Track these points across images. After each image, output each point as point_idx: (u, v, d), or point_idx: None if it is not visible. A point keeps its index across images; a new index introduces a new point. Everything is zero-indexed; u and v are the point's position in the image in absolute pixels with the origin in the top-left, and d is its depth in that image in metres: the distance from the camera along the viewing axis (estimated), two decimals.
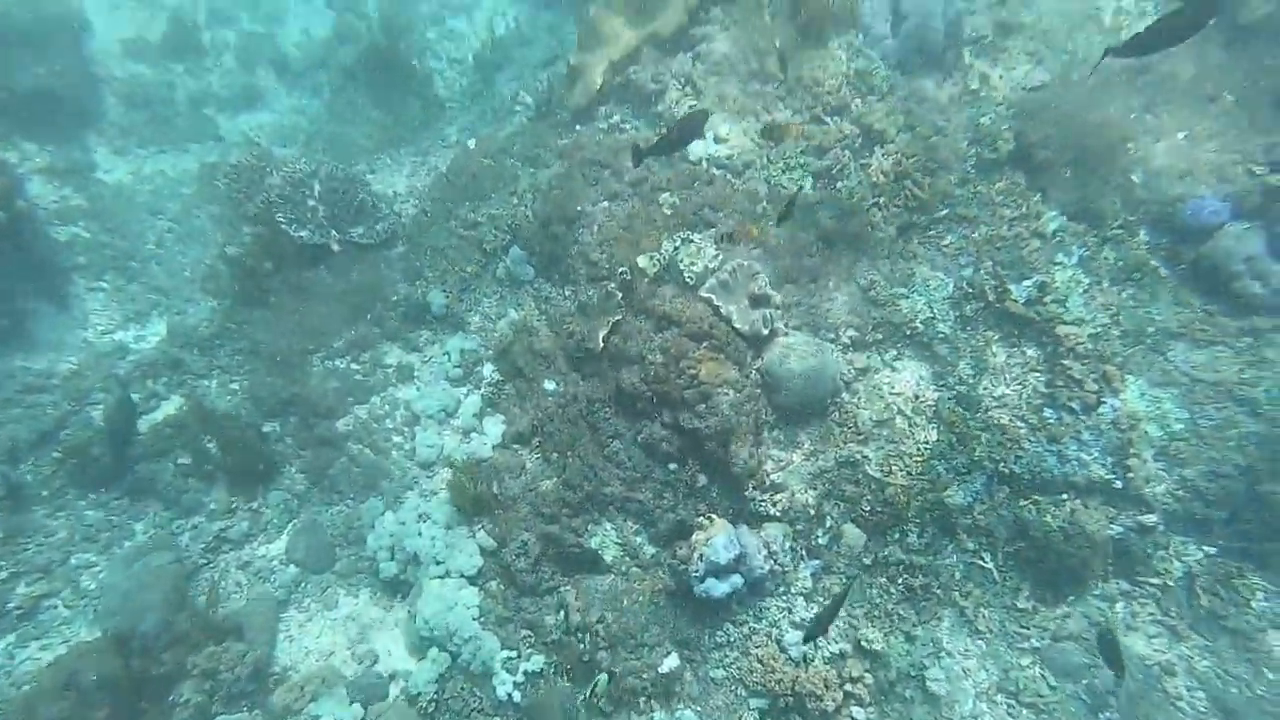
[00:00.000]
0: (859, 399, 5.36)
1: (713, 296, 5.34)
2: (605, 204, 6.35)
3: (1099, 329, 5.11)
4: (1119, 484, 4.70)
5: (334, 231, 5.89)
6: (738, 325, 5.28)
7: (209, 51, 10.41)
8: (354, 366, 5.63)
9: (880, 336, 5.54)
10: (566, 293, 6.09)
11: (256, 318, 5.56)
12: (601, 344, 5.46)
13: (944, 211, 5.85)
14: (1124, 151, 5.57)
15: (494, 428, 5.35)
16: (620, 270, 5.63)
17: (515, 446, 5.43)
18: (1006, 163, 5.87)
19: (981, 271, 5.52)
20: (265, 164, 6.19)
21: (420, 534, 4.84)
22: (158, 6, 10.46)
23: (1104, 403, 4.75)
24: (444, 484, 5.12)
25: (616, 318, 5.49)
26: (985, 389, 5.21)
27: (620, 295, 5.59)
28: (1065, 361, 4.91)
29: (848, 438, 5.20)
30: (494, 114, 8.89)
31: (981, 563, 4.81)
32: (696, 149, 6.12)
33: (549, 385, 5.59)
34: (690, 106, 6.37)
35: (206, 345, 5.93)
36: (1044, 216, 5.58)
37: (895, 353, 5.57)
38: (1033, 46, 6.19)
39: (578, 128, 7.10)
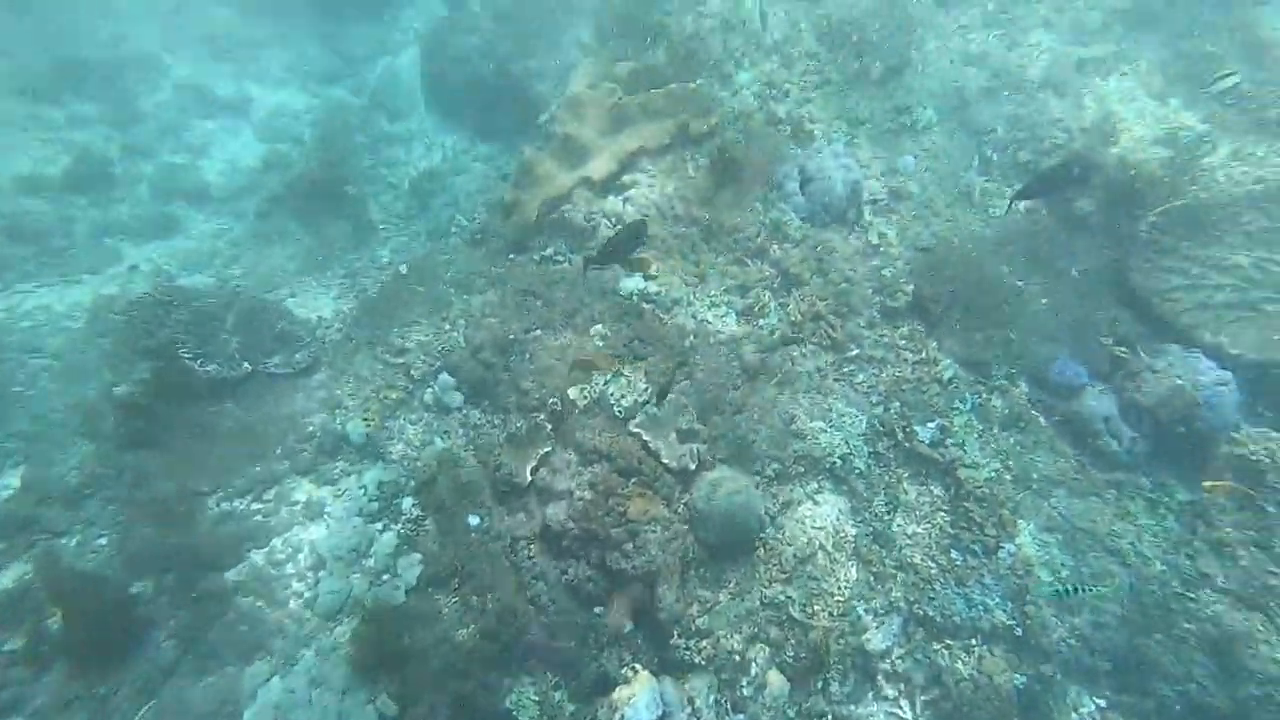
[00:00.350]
0: (783, 534, 5.48)
1: (642, 431, 5.45)
2: (538, 333, 6.48)
3: (993, 473, 5.58)
4: (1019, 630, 4.96)
5: (246, 364, 5.63)
6: (666, 460, 5.38)
7: (120, 183, 10.10)
8: (255, 506, 5.19)
9: (802, 469, 5.78)
10: (495, 421, 6.02)
11: (140, 460, 5.05)
12: (529, 477, 5.38)
13: (855, 351, 6.37)
14: (1003, 310, 6.36)
15: (410, 570, 5.03)
16: (550, 401, 5.67)
17: (432, 590, 5.10)
18: (906, 312, 6.55)
19: (890, 411, 5.98)
20: (171, 296, 5.93)
21: (311, 702, 4.32)
22: (65, 143, 10.21)
23: (1002, 547, 5.11)
24: (347, 638, 4.67)
25: (545, 449, 5.46)
26: (899, 526, 5.48)
27: (550, 426, 5.59)
28: (967, 504, 5.28)
29: (772, 576, 5.25)
30: (429, 237, 9.08)
31: (899, 712, 4.84)
32: (628, 284, 6.45)
33: (473, 520, 5.38)
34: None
35: (72, 497, 5.29)
36: (941, 364, 6.19)
37: (816, 485, 5.81)
38: (921, 212, 7.12)
39: (512, 256, 7.35)
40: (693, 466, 5.38)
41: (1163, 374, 5.53)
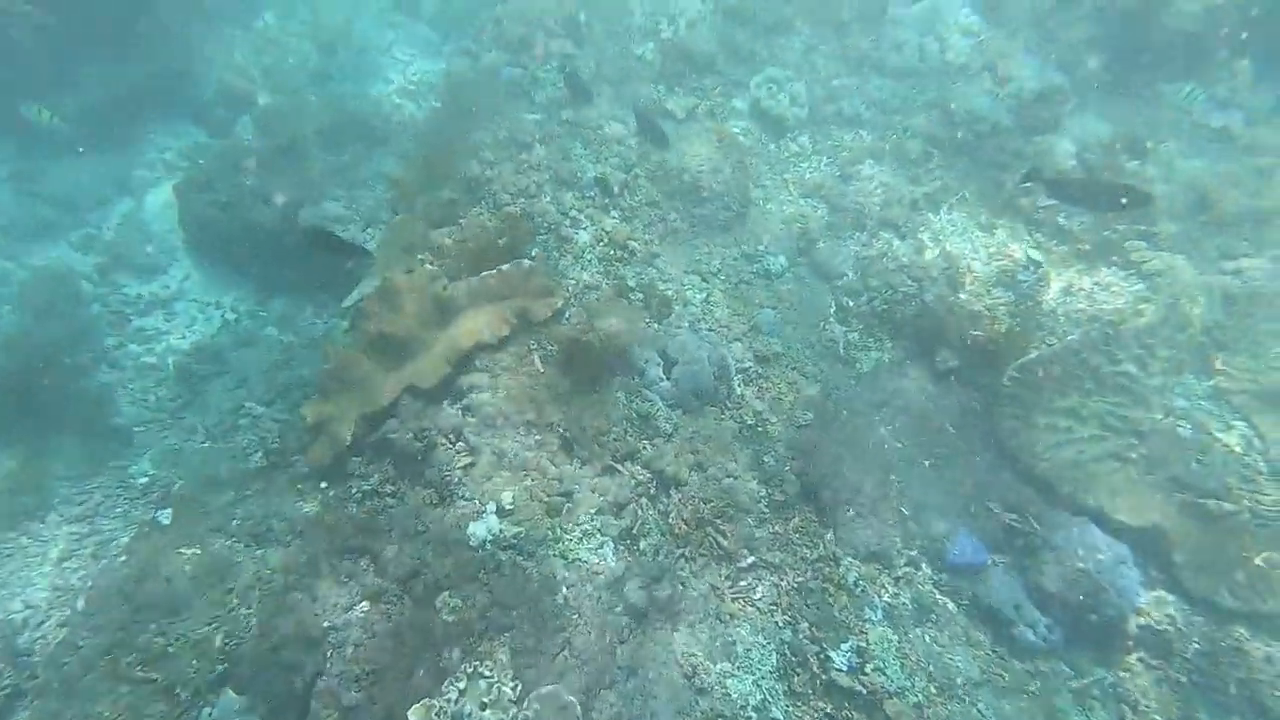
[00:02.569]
0: None
1: None
2: (364, 608, 5.16)
3: (920, 695, 5.17)
4: None
5: None
6: None
7: None
8: None
9: None
10: None
11: None
12: None
13: (749, 559, 5.78)
14: (892, 484, 6.15)
15: None
16: None
17: None
18: (796, 500, 6.12)
19: (800, 635, 5.41)
20: None
21: None
22: None
23: None
24: None
25: None
26: None
27: None
28: None
29: None
30: (209, 437, 7.31)
31: None
32: (478, 530, 5.36)
33: None
34: (465, 466, 5.71)
35: None
36: (842, 562, 5.78)
37: None
38: (791, 375, 6.84)
39: (324, 484, 5.97)
40: None
41: (1062, 554, 5.52)
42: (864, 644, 5.37)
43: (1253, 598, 5.52)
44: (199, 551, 5.59)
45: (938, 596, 5.83)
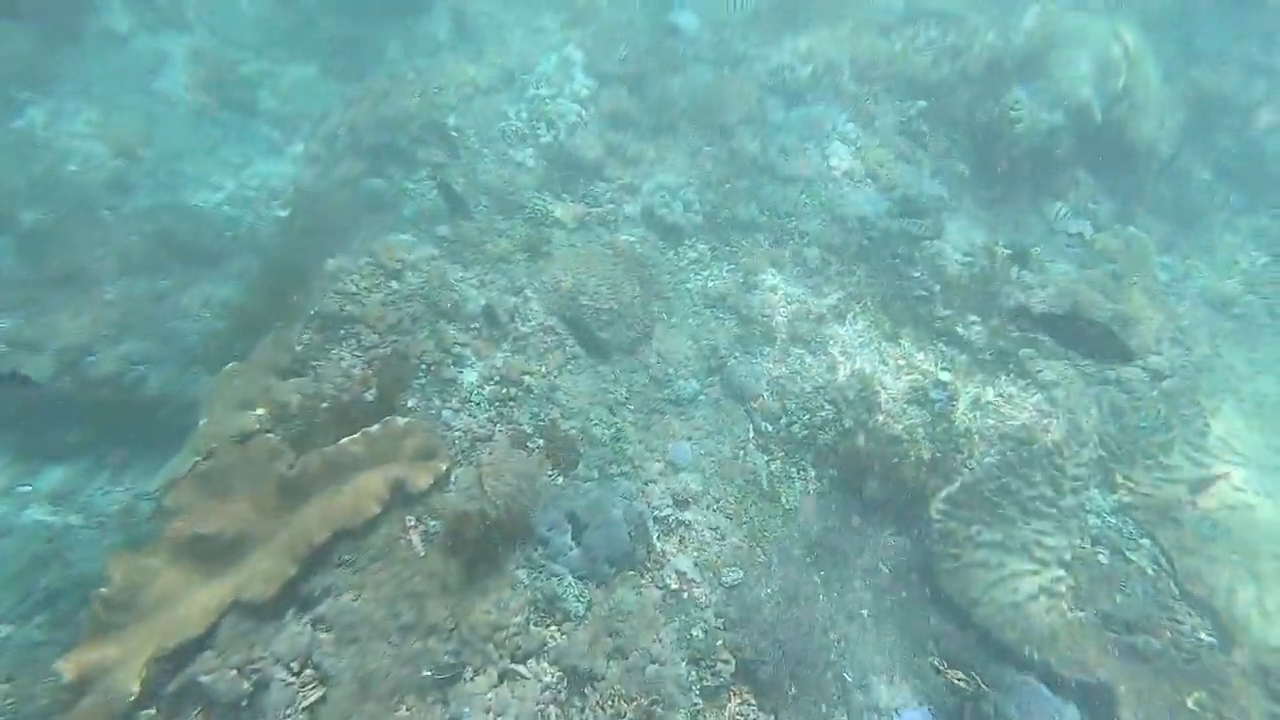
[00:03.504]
0: None
1: None
2: None
3: None
4: None
5: None
6: None
7: None
8: None
9: None
10: None
11: None
12: None
13: None
14: (832, 649, 5.57)
15: None
16: None
17: None
18: (731, 682, 5.36)
19: None
20: None
21: None
22: None
23: None
24: None
25: None
26: None
27: None
28: None
29: None
30: None
31: None
32: None
33: None
34: (312, 706, 4.46)
35: None
36: None
37: None
38: (714, 519, 6.21)
39: None
40: None
41: None
42: None
43: None
44: None
45: None
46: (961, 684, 5.47)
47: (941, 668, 5.54)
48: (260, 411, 5.67)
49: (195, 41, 10.58)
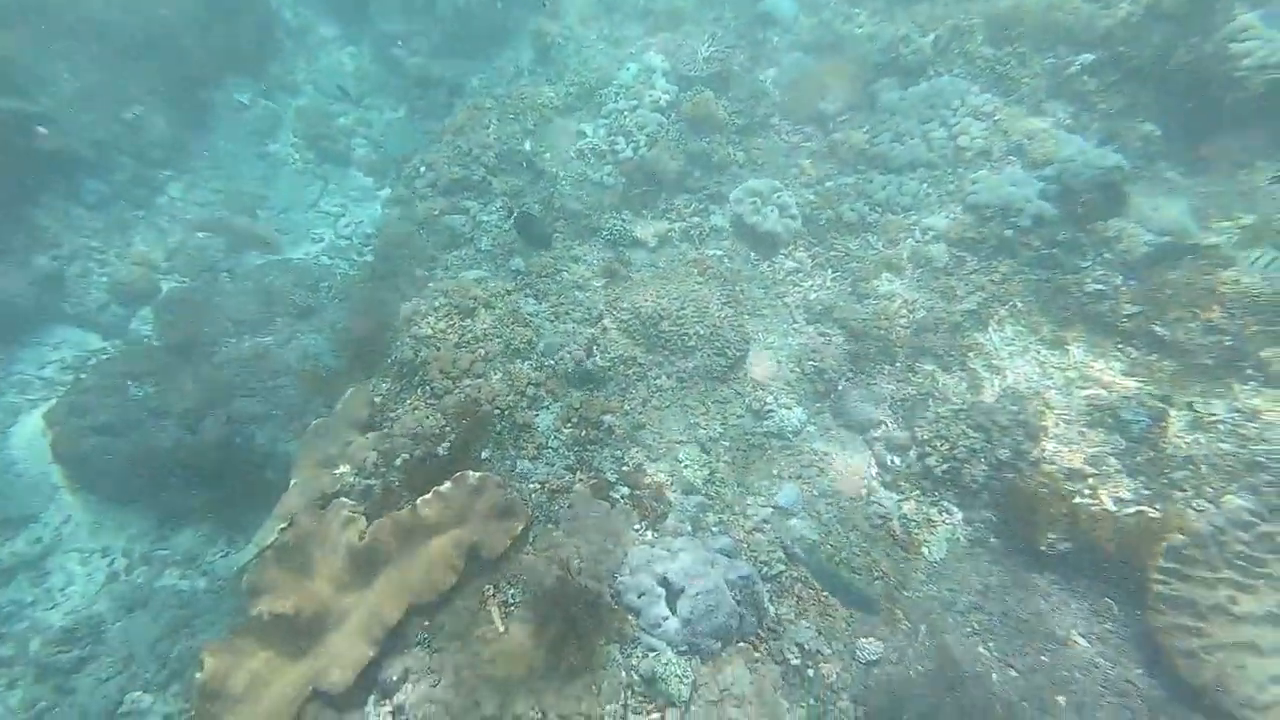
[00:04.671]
0: None
1: None
2: None
3: None
4: None
5: None
6: None
7: None
8: None
9: None
10: None
11: None
12: None
13: None
14: None
15: None
16: None
17: None
18: None
19: None
20: None
21: None
22: None
23: None
24: None
25: None
26: None
27: None
28: None
29: None
30: None
31: None
32: None
33: None
34: None
35: None
36: None
37: None
38: (834, 577, 5.22)
39: None
40: None
41: None
42: None
43: None
44: None
45: None
46: None
47: None
48: (342, 470, 5.49)
49: (302, 102, 11.19)
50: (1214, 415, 5.34)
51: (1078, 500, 5.08)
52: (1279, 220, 6.30)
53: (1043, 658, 4.83)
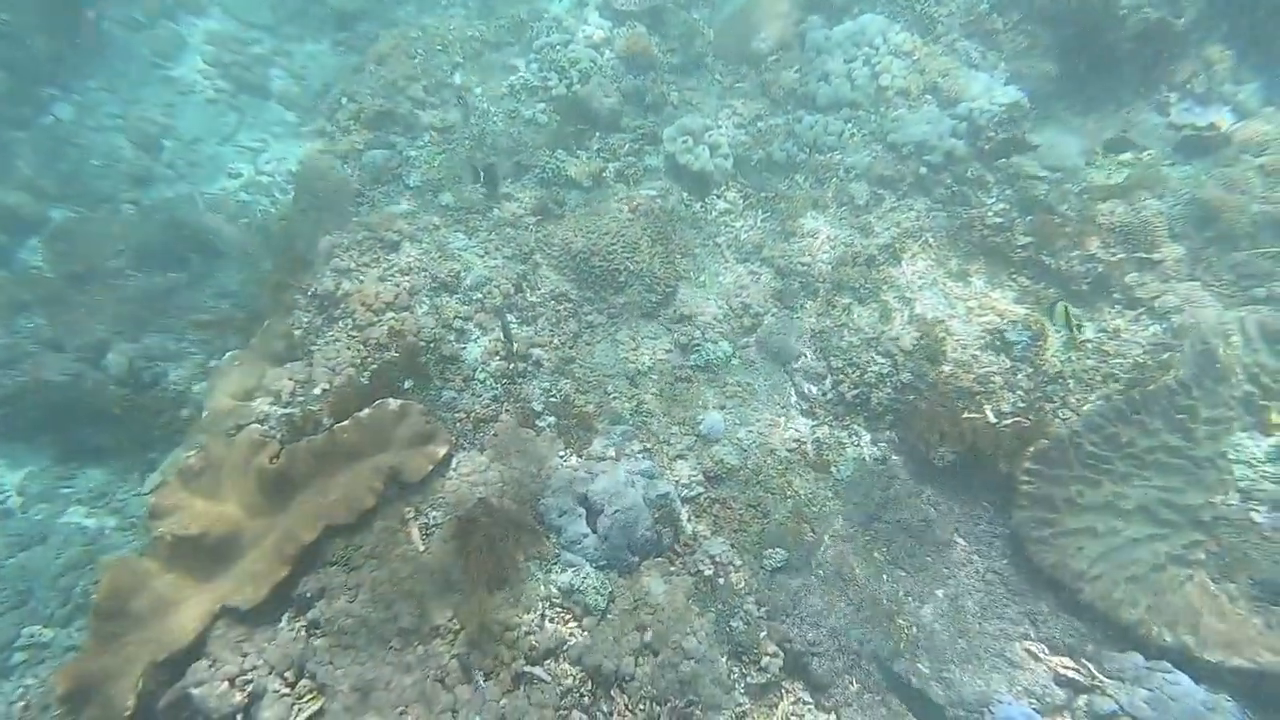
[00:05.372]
0: None
1: None
2: None
3: None
4: None
5: None
6: None
7: None
8: None
9: None
10: None
11: None
12: None
13: None
14: (901, 636, 4.80)
15: None
16: None
17: None
18: (781, 679, 4.71)
19: None
20: None
21: None
22: None
23: None
24: None
25: None
26: None
27: None
28: None
29: None
30: None
31: None
32: None
33: None
34: (309, 716, 4.13)
35: None
36: None
37: None
38: (753, 495, 5.50)
39: None
40: None
41: None
42: None
43: None
44: None
45: None
46: (1071, 673, 4.59)
47: (1042, 654, 4.67)
48: (258, 401, 5.39)
49: (210, 25, 10.44)
50: (1085, 338, 5.80)
51: (965, 415, 5.45)
52: (1151, 154, 6.81)
53: (928, 558, 5.25)
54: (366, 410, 4.94)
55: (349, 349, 5.57)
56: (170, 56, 9.71)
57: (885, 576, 5.18)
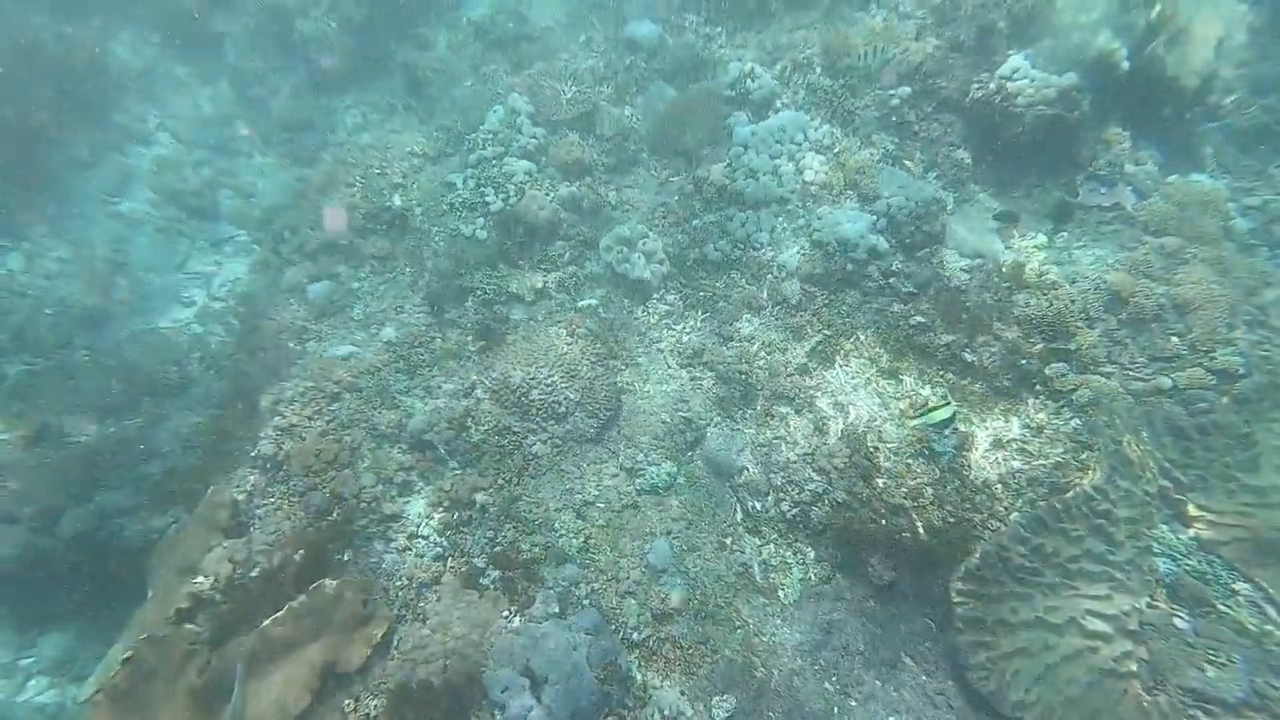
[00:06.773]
0: None
1: None
2: None
3: None
4: None
5: None
6: None
7: None
8: None
9: None
10: None
11: None
12: None
13: None
14: None
15: None
16: None
17: None
18: None
19: None
20: None
21: None
22: None
23: None
24: None
25: None
26: None
27: None
28: None
29: None
30: None
31: None
32: None
33: None
34: None
35: None
36: None
37: None
38: (702, 630, 5.33)
39: None
40: None
41: None
42: None
43: None
44: None
45: None
46: None
47: None
48: (199, 580, 5.17)
49: (159, 151, 10.26)
50: (1009, 435, 5.70)
51: (899, 536, 5.32)
52: (1063, 236, 6.81)
53: (877, 682, 5.11)
54: (302, 597, 4.76)
55: (289, 519, 5.39)
56: (119, 191, 9.51)
57: (836, 709, 5.03)
